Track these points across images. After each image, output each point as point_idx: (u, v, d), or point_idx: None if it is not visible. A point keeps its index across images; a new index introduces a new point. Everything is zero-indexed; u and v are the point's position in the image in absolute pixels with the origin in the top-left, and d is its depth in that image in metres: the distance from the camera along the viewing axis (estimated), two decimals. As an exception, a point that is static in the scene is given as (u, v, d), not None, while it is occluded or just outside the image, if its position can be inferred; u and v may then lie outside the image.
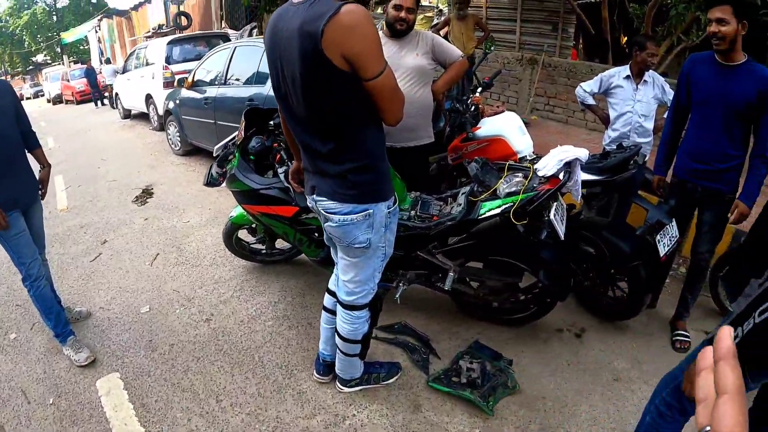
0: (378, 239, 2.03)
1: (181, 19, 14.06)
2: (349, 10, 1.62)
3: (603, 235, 2.90)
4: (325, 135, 1.85)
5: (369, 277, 2.17)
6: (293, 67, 1.73)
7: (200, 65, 6.57)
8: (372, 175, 1.91)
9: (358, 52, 1.65)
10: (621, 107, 3.55)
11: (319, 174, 1.96)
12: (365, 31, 1.65)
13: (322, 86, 1.72)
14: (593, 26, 8.57)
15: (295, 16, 1.70)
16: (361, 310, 2.26)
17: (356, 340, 2.34)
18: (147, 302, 3.55)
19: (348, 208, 1.93)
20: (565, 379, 2.73)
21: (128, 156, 7.97)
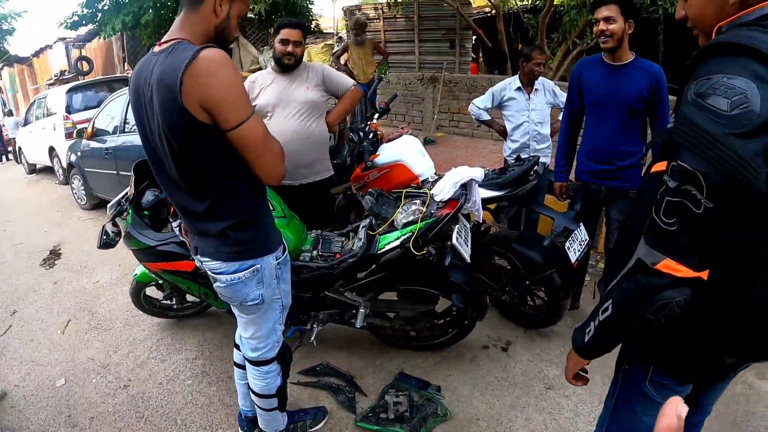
0: (271, 293, 1.93)
1: (82, 65, 13.54)
2: (205, 55, 1.47)
3: (513, 248, 2.92)
4: (200, 194, 1.72)
5: (270, 331, 2.07)
6: (158, 123, 1.59)
7: (99, 113, 6.28)
8: (254, 230, 1.81)
9: (216, 100, 1.49)
10: (516, 118, 3.61)
11: (199, 234, 1.84)
12: (223, 76, 1.49)
13: (188, 143, 1.58)
14: (490, 39, 8.86)
15: (156, 68, 1.56)
16: (269, 365, 2.15)
17: (271, 395, 2.23)
18: (62, 374, 3.30)
19: (234, 266, 1.82)
20: (496, 396, 2.71)
21: (34, 214, 7.53)
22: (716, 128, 0.94)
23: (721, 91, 0.95)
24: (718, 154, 0.93)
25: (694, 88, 1.00)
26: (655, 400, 1.34)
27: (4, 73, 23.21)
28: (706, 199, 0.95)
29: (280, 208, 2.54)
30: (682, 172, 0.98)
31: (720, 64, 0.99)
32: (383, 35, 10.46)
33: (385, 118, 4.19)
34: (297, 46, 2.95)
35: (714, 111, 0.95)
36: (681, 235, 1.00)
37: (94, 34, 13.12)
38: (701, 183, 0.95)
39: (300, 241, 2.56)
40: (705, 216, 0.96)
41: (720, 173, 0.93)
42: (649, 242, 1.07)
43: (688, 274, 1.00)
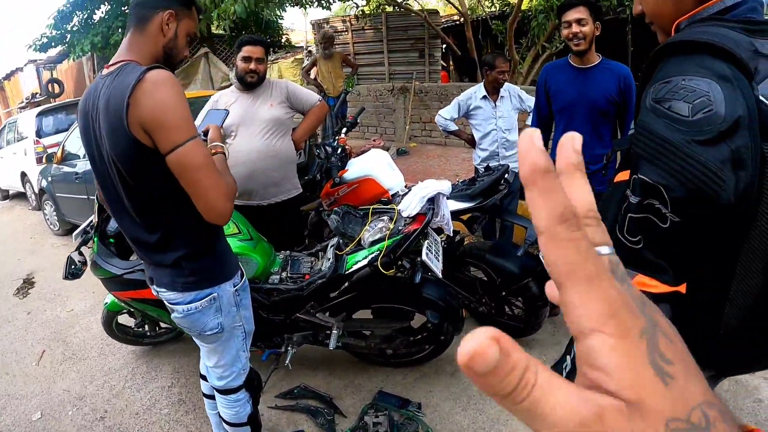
0: (230, 321, 1.88)
1: (53, 87, 13.35)
2: (150, 77, 1.43)
3: (488, 258, 2.89)
4: (150, 224, 1.67)
5: (234, 359, 2.02)
6: (106, 149, 1.54)
7: (68, 137, 6.17)
8: (209, 258, 1.76)
9: (154, 120, 1.42)
10: (484, 127, 3.61)
11: (153, 265, 1.79)
12: (164, 96, 1.43)
13: (136, 170, 1.53)
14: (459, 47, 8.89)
15: (102, 92, 1.51)
16: (237, 392, 2.10)
17: (242, 423, 2.17)
18: (38, 407, 3.21)
19: (190, 296, 1.76)
20: (478, 410, 2.67)
21: (7, 242, 7.38)
22: (677, 136, 0.87)
23: (681, 95, 0.89)
24: (680, 164, 0.86)
25: (652, 93, 0.94)
26: None
27: (-25, 98, 22.89)
28: (671, 213, 0.88)
29: (246, 231, 2.49)
30: (642, 186, 0.91)
31: (679, 64, 0.93)
32: (352, 47, 10.46)
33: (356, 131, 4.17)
34: (260, 63, 2.90)
35: (674, 117, 0.88)
36: (649, 251, 0.93)
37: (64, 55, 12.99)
38: (664, 196, 0.88)
39: (268, 264, 2.51)
40: (672, 230, 0.89)
41: (683, 186, 0.86)
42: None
43: (663, 289, 0.93)
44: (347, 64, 7.51)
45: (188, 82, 9.61)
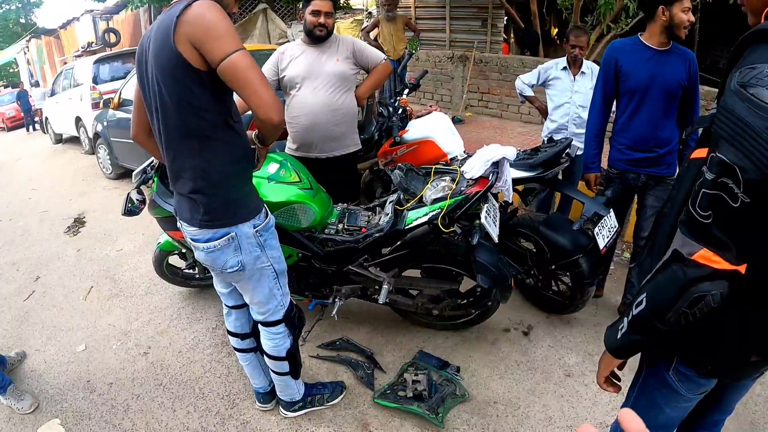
0: (252, 260, 1.94)
1: (110, 36, 13.59)
2: (199, 3, 1.58)
3: (541, 231, 2.86)
4: (178, 151, 1.77)
5: (268, 297, 2.09)
6: (152, 70, 1.67)
7: (125, 84, 6.30)
8: (223, 198, 1.82)
9: (205, 33, 1.56)
10: (559, 98, 3.55)
11: (177, 194, 1.90)
12: (213, 14, 1.58)
13: (177, 87, 1.64)
14: (523, 20, 8.68)
15: (156, 23, 1.68)
16: (276, 326, 2.18)
17: (281, 357, 2.25)
18: (83, 340, 3.35)
19: (208, 234, 1.85)
20: (515, 380, 2.69)
21: (60, 184, 7.63)
22: (757, 121, 0.89)
23: (765, 82, 0.90)
24: (758, 149, 0.88)
25: (738, 77, 0.95)
26: (679, 391, 1.31)
27: (31, 45, 23.42)
28: (743, 193, 0.90)
29: (306, 180, 2.51)
30: (719, 164, 0.93)
31: (765, 52, 0.94)
32: (414, 12, 10.26)
33: (413, 96, 4.15)
34: (328, 17, 2.91)
35: (756, 103, 0.90)
36: (717, 228, 0.95)
37: (121, 6, 13.24)
38: (738, 177, 0.90)
39: (326, 214, 2.54)
40: (741, 210, 0.91)
41: (758, 169, 0.88)
42: (685, 232, 1.02)
43: (726, 266, 0.96)
44: (410, 27, 7.41)
45: (246, 36, 9.67)
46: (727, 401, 1.55)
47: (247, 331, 2.38)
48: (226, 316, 2.38)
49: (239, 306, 2.32)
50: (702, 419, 1.63)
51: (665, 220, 1.22)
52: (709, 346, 1.18)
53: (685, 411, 1.41)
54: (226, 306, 2.35)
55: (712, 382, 1.31)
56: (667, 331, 1.09)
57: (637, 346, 1.22)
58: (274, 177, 2.45)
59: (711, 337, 1.16)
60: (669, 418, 1.41)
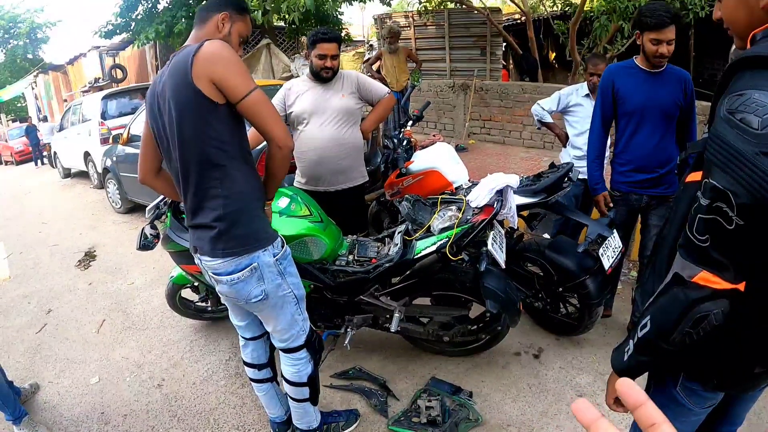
0: (275, 288, 1.99)
1: (116, 72, 13.85)
2: (210, 42, 1.74)
3: (546, 254, 2.91)
4: (201, 180, 1.84)
5: (290, 324, 2.13)
6: (168, 108, 1.78)
7: (135, 119, 6.43)
8: (244, 224, 1.89)
9: (224, 71, 1.71)
10: (581, 125, 3.53)
11: (195, 228, 1.95)
12: (229, 55, 1.74)
13: (194, 118, 1.75)
14: (521, 46, 8.83)
15: (169, 66, 1.81)
16: (298, 351, 2.22)
17: (302, 383, 2.28)
18: (96, 372, 3.38)
19: (231, 266, 1.90)
20: (528, 403, 2.70)
21: (69, 217, 7.72)
22: (746, 147, 0.93)
23: (752, 108, 0.94)
24: (748, 174, 0.92)
25: (726, 104, 0.99)
26: (686, 406, 1.34)
27: (39, 80, 23.81)
28: (737, 217, 0.94)
29: (316, 213, 2.57)
30: (713, 190, 0.97)
31: (752, 79, 0.98)
32: (414, 43, 10.51)
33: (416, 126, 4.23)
34: (334, 59, 3.00)
35: (745, 129, 0.94)
36: (714, 250, 0.99)
37: (127, 42, 13.47)
38: (732, 201, 0.94)
39: (336, 246, 2.59)
40: (736, 232, 0.95)
41: (750, 194, 0.92)
42: (684, 256, 1.06)
43: (726, 286, 1.00)
44: (411, 59, 7.60)
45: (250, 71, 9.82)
46: (736, 413, 1.57)
47: (264, 361, 2.41)
48: (243, 348, 2.42)
49: (256, 337, 2.36)
50: None
51: (665, 242, 1.26)
52: (713, 361, 1.22)
53: (695, 425, 1.43)
54: (243, 338, 2.39)
55: (719, 395, 1.34)
56: (672, 351, 1.13)
57: (644, 367, 1.25)
58: (284, 211, 2.51)
59: (714, 352, 1.19)
60: None
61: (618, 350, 1.30)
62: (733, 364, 1.21)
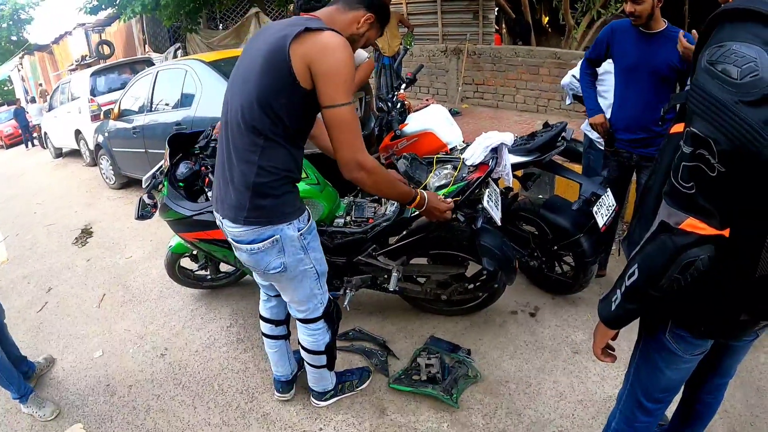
0: (295, 263, 1.98)
1: (104, 48, 13.63)
2: (338, 36, 1.65)
3: (541, 213, 2.93)
4: (245, 140, 1.79)
5: (308, 297, 2.14)
6: (257, 54, 1.73)
7: (125, 94, 6.38)
8: (273, 196, 1.85)
9: (329, 71, 1.63)
10: (612, 95, 3.33)
11: (225, 187, 1.90)
12: (346, 56, 1.64)
13: (270, 84, 1.69)
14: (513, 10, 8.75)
15: (287, 21, 1.76)
16: (316, 322, 2.24)
17: (320, 351, 2.32)
18: (99, 346, 3.42)
19: (252, 235, 1.88)
20: (525, 359, 2.76)
21: (64, 196, 7.69)
22: (726, 96, 0.96)
23: (732, 59, 0.97)
24: (728, 122, 0.96)
25: (707, 56, 1.02)
26: (676, 352, 1.39)
27: (25, 62, 23.42)
28: (718, 164, 0.97)
29: (313, 176, 2.59)
30: (694, 138, 1.01)
31: (732, 30, 1.00)
32: (405, 8, 10.35)
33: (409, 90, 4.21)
34: None
35: (724, 79, 0.97)
36: (699, 197, 1.02)
37: (113, 18, 13.24)
38: (713, 148, 0.98)
39: (333, 208, 2.61)
40: (719, 179, 0.98)
41: (729, 141, 0.95)
42: (670, 203, 1.09)
43: (711, 231, 1.03)
44: (403, 23, 7.52)
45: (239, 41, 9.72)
46: (727, 365, 1.62)
47: (282, 318, 2.44)
48: (265, 303, 2.43)
49: (279, 295, 2.35)
50: (704, 384, 1.71)
51: (650, 192, 1.29)
52: (700, 308, 1.26)
53: (686, 372, 1.48)
54: (266, 294, 2.41)
55: (708, 342, 1.38)
56: (660, 297, 1.16)
57: (632, 315, 1.28)
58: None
59: (701, 299, 1.23)
60: (671, 381, 1.49)
61: (605, 300, 1.34)
62: (720, 311, 1.24)
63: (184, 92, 5.14)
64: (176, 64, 5.61)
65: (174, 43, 11.71)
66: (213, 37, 10.97)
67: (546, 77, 7.01)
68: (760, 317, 1.25)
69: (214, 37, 10.92)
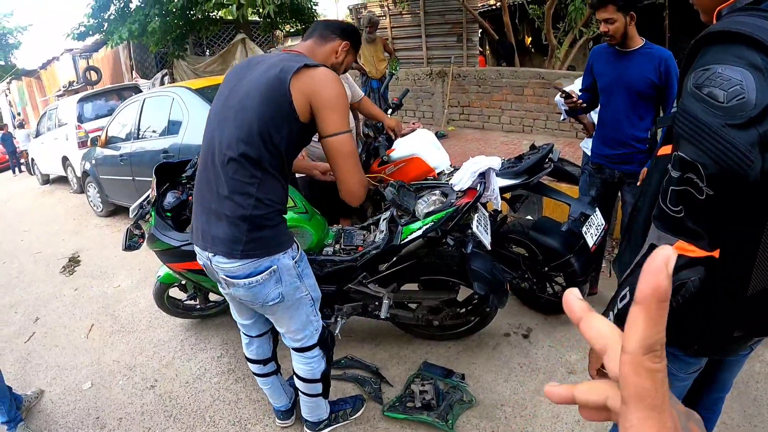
0: (292, 291, 1.98)
1: (91, 74, 13.63)
2: (329, 71, 1.78)
3: (531, 235, 2.94)
4: (241, 171, 1.78)
5: (304, 324, 2.13)
6: (249, 87, 1.78)
7: (111, 121, 6.37)
8: (268, 227, 1.85)
9: (328, 102, 1.72)
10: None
11: (217, 220, 1.86)
12: (340, 88, 1.75)
13: (270, 117, 1.73)
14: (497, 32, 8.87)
15: (273, 58, 1.84)
16: (312, 350, 2.22)
17: (316, 379, 2.29)
18: (88, 377, 3.35)
19: (248, 269, 1.86)
20: (520, 382, 2.75)
21: (51, 223, 7.62)
22: (713, 120, 0.96)
23: (717, 82, 0.97)
24: (715, 145, 0.95)
25: (693, 79, 1.02)
26: (670, 371, 1.37)
27: (12, 87, 23.37)
28: (707, 187, 0.97)
29: (301, 204, 2.58)
30: (682, 162, 1.01)
31: (717, 53, 1.01)
32: (390, 32, 10.51)
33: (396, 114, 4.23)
34: None
35: (711, 102, 0.97)
36: (688, 220, 1.02)
37: (100, 44, 13.28)
38: (701, 172, 0.97)
39: (322, 236, 2.60)
40: (708, 202, 0.98)
41: (717, 164, 0.95)
42: (659, 227, 1.09)
43: (701, 253, 1.03)
44: (386, 49, 7.67)
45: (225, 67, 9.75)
46: (723, 379, 1.62)
47: (268, 356, 2.41)
48: (247, 346, 2.40)
49: (262, 334, 2.36)
50: (701, 399, 1.69)
51: (639, 214, 1.29)
52: (692, 326, 1.25)
53: (682, 390, 1.47)
54: (247, 336, 2.37)
55: (702, 360, 1.38)
56: None
57: None
58: (269, 203, 2.50)
59: (693, 318, 1.22)
60: None
61: None
62: (713, 329, 1.24)
63: (171, 119, 5.14)
64: (163, 92, 5.62)
65: (161, 69, 11.73)
66: (199, 63, 11.04)
67: (531, 97, 7.09)
68: (753, 333, 1.25)
69: (201, 63, 10.99)
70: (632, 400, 0.33)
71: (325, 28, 1.99)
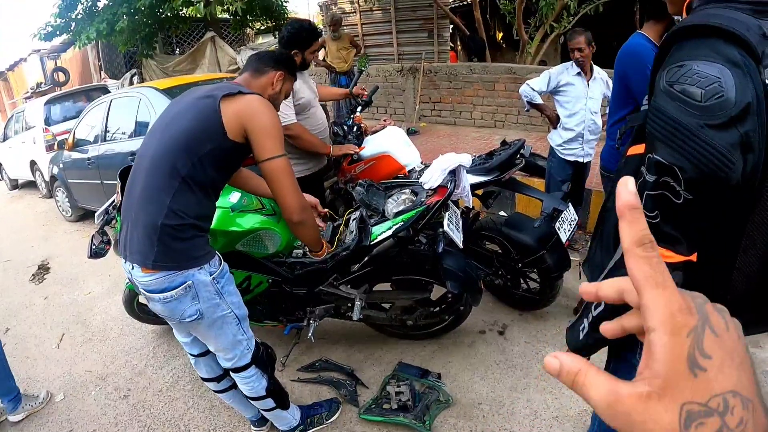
0: (212, 308, 1.93)
1: (59, 76, 13.33)
2: (263, 100, 1.89)
3: (503, 231, 2.93)
4: (161, 180, 1.79)
5: (232, 344, 2.07)
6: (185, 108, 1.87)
7: (78, 124, 6.21)
8: (182, 239, 1.83)
9: (263, 129, 1.82)
10: (573, 105, 3.45)
11: (134, 228, 1.85)
12: (273, 116, 1.87)
13: (197, 131, 1.80)
14: (468, 27, 8.88)
15: (208, 86, 1.96)
16: (246, 370, 2.16)
17: (262, 396, 2.24)
18: (60, 389, 3.27)
19: (163, 283, 1.83)
20: (497, 379, 2.74)
21: (20, 230, 7.42)
22: (690, 120, 0.90)
23: (693, 80, 0.91)
24: (694, 147, 0.90)
25: (666, 76, 0.96)
26: None
27: (-21, 90, 22.81)
28: (685, 191, 0.92)
29: (270, 206, 2.53)
30: (658, 165, 0.95)
31: (692, 49, 0.95)
32: (360, 29, 10.47)
33: (366, 111, 4.20)
34: None
35: (687, 101, 0.91)
36: (665, 225, 0.97)
37: (68, 44, 12.99)
38: (678, 176, 0.92)
39: (291, 238, 2.55)
40: (685, 206, 0.93)
41: (696, 168, 0.90)
42: None
43: (678, 259, 0.98)
44: (353, 44, 7.72)
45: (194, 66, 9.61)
46: None
47: (220, 373, 2.35)
48: (195, 366, 2.35)
49: (204, 353, 2.28)
50: None
51: (609, 214, 1.25)
52: None
53: None
54: (191, 356, 2.32)
55: None
56: None
57: (601, 343, 1.24)
58: (236, 206, 2.45)
59: None
60: None
61: (572, 329, 1.29)
62: None
63: (139, 120, 5.03)
64: (130, 92, 5.50)
65: (130, 69, 11.53)
66: (169, 62, 10.87)
67: (502, 92, 7.13)
68: None
69: (170, 62, 10.82)
70: (640, 285, 0.40)
71: (258, 62, 2.08)
